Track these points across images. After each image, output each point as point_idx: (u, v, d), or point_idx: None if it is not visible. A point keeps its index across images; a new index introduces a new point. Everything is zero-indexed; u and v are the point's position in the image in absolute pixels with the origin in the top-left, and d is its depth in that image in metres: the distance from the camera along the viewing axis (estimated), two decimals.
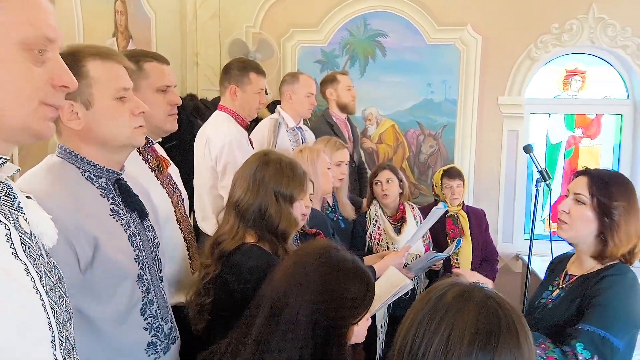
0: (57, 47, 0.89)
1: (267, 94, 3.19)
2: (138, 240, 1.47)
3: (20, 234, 0.85)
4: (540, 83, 4.41)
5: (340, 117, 3.79)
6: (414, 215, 3.15)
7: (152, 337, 1.49)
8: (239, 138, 2.76)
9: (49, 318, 0.85)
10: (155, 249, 1.55)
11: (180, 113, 1.96)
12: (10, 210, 0.85)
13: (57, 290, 0.90)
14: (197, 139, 2.85)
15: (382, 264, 2.36)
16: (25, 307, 0.81)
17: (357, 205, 3.22)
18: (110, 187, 1.45)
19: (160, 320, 1.53)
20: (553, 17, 4.14)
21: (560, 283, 1.85)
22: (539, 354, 1.59)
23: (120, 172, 1.48)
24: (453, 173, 3.42)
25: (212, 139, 2.73)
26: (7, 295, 0.78)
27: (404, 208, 3.13)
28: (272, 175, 1.75)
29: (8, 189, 0.86)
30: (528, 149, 2.88)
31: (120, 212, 1.44)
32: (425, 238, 3.12)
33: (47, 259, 0.92)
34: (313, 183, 2.03)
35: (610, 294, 1.63)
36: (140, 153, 1.86)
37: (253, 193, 1.73)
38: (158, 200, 1.76)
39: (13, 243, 0.82)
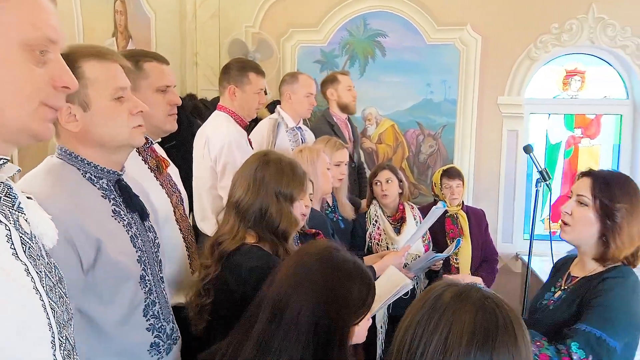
0: (58, 48, 0.89)
1: (266, 94, 3.18)
2: (140, 241, 1.46)
3: (21, 235, 0.85)
4: (540, 83, 4.41)
5: (341, 117, 3.79)
6: (414, 216, 3.14)
7: (154, 337, 1.49)
8: (238, 138, 2.75)
9: (49, 318, 0.85)
10: (156, 250, 1.54)
11: (180, 113, 1.95)
12: (11, 211, 0.85)
13: (57, 291, 0.90)
14: (196, 139, 2.84)
15: (381, 264, 2.36)
16: (25, 307, 0.81)
17: (355, 206, 3.22)
18: (111, 187, 1.44)
19: (163, 321, 1.53)
20: (553, 17, 4.14)
21: (563, 284, 1.83)
22: (533, 351, 1.58)
23: (121, 172, 1.47)
24: (452, 173, 3.42)
25: (211, 139, 2.72)
26: (7, 296, 0.78)
27: (404, 208, 3.13)
28: (272, 175, 1.75)
29: (8, 190, 0.86)
30: (528, 149, 2.88)
31: (122, 213, 1.43)
32: (425, 238, 3.11)
33: (47, 260, 0.92)
34: (312, 183, 2.03)
35: (610, 296, 1.62)
36: (140, 153, 1.85)
37: (253, 193, 1.73)
38: (157, 201, 1.75)
39: (13, 243, 0.82)
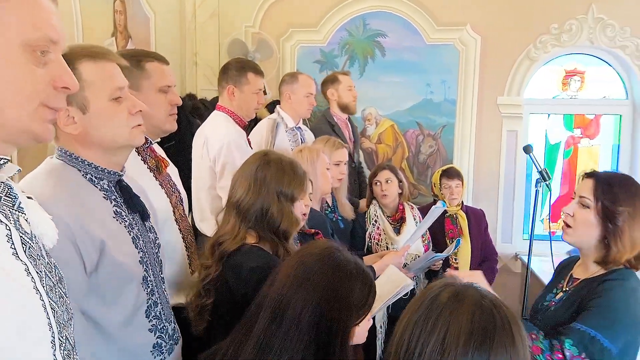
0: (59, 48, 0.88)
1: (265, 94, 3.18)
2: (141, 242, 1.46)
3: (21, 234, 0.85)
4: (540, 83, 4.41)
5: (341, 117, 3.79)
6: (414, 216, 3.14)
7: (157, 338, 1.49)
8: (237, 138, 2.75)
9: (49, 318, 0.85)
10: (157, 251, 1.54)
11: (179, 113, 1.95)
12: (11, 211, 0.85)
13: (57, 291, 0.90)
14: (195, 139, 2.84)
15: (381, 264, 2.35)
16: (26, 307, 0.81)
17: (354, 206, 3.22)
18: (112, 188, 1.43)
19: (165, 322, 1.53)
20: (552, 17, 4.14)
21: (564, 286, 1.82)
22: (529, 344, 1.58)
23: (122, 173, 1.46)
24: (452, 173, 3.42)
25: (210, 139, 2.71)
26: (7, 295, 0.78)
27: (404, 208, 3.12)
28: (273, 175, 1.75)
29: (9, 190, 0.86)
30: (528, 149, 2.88)
31: (123, 214, 1.43)
32: (425, 238, 3.11)
33: (47, 259, 0.91)
34: (312, 183, 2.03)
35: (609, 297, 1.61)
36: (139, 153, 1.84)
37: (254, 193, 1.73)
38: (157, 201, 1.74)
39: (14, 243, 0.82)
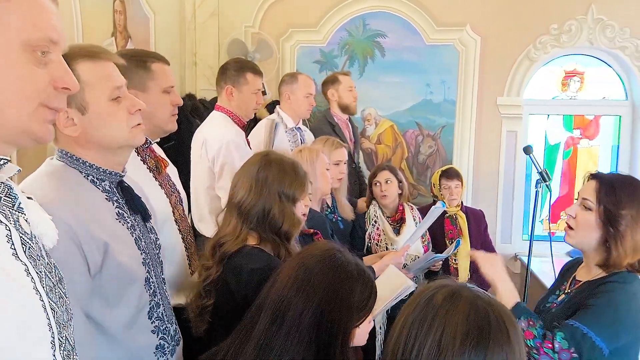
0: (60, 48, 0.88)
1: (265, 94, 3.18)
2: (143, 243, 1.45)
3: (21, 235, 0.84)
4: (539, 84, 4.41)
5: (342, 117, 3.79)
6: (413, 216, 3.14)
7: (159, 339, 1.49)
8: (236, 138, 2.74)
9: (49, 319, 0.85)
10: (158, 251, 1.54)
11: (179, 113, 1.94)
12: (11, 211, 0.85)
13: (57, 291, 0.90)
14: (194, 140, 2.83)
15: (381, 264, 2.35)
16: (25, 307, 0.81)
17: (352, 206, 3.22)
18: (114, 190, 1.43)
19: (167, 323, 1.53)
20: (552, 17, 4.14)
21: (567, 288, 1.82)
22: (522, 326, 1.58)
23: (123, 173, 1.45)
24: (451, 174, 3.41)
25: (209, 140, 2.71)
26: (7, 296, 0.78)
27: (404, 209, 3.12)
28: (275, 176, 1.74)
29: (9, 190, 0.86)
30: (528, 150, 2.88)
31: (125, 215, 1.42)
32: (425, 239, 3.11)
33: (47, 260, 0.91)
34: (311, 183, 2.03)
35: (606, 297, 1.60)
36: (139, 153, 1.84)
37: (256, 194, 1.73)
38: (156, 201, 1.74)
39: (13, 244, 0.82)
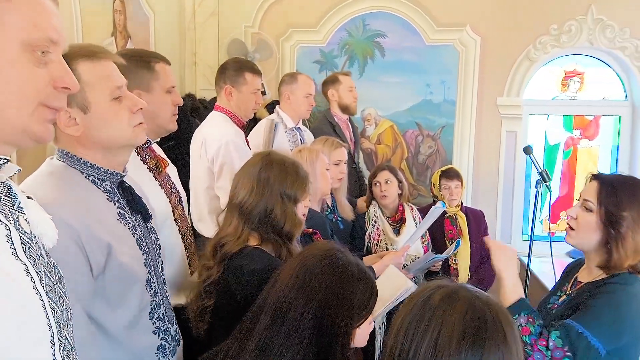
0: (60, 48, 0.88)
1: (264, 94, 3.17)
2: (144, 244, 1.45)
3: (21, 234, 0.84)
4: (539, 84, 4.41)
5: (342, 117, 3.79)
6: (413, 217, 3.13)
7: (161, 340, 1.49)
8: (236, 138, 2.73)
9: (49, 318, 0.85)
10: (158, 251, 1.54)
11: (179, 113, 1.95)
12: (11, 211, 0.84)
13: (57, 291, 0.90)
14: (193, 140, 2.83)
15: (381, 264, 2.35)
16: (25, 307, 0.81)
17: (352, 206, 3.21)
18: (115, 190, 1.42)
19: (168, 323, 1.52)
20: (552, 18, 4.14)
21: (568, 289, 1.81)
22: (521, 323, 1.58)
23: (124, 173, 1.45)
24: (451, 174, 3.41)
25: (208, 140, 2.70)
26: (7, 296, 0.78)
27: (404, 209, 3.12)
28: (277, 176, 1.74)
29: (9, 190, 0.86)
30: (528, 150, 2.88)
31: (126, 215, 1.42)
32: (425, 239, 3.11)
33: (47, 259, 0.91)
34: (311, 183, 2.02)
35: (605, 298, 1.60)
36: (139, 153, 1.84)
37: (258, 194, 1.72)
38: (156, 201, 1.74)
39: (13, 243, 0.82)
